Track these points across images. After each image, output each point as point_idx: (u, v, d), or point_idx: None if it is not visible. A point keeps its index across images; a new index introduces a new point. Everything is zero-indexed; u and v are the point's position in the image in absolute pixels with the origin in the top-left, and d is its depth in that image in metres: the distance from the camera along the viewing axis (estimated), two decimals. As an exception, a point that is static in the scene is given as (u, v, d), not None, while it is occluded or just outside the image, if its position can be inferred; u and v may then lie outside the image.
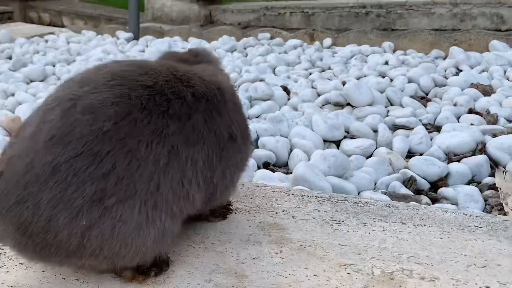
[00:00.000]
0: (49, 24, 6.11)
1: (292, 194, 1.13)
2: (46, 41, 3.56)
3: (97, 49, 3.11)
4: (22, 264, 0.87)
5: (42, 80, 2.61)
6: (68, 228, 0.67)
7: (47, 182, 0.66)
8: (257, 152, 1.64)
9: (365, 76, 2.57)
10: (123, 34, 3.62)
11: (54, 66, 2.82)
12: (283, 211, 1.05)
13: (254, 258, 0.88)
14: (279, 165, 1.65)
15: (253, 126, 1.79)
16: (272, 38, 3.55)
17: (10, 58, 3.02)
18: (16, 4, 6.13)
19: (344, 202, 1.09)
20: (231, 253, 0.90)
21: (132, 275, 0.81)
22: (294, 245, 0.93)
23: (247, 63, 2.83)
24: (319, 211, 1.05)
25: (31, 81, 2.57)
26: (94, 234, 0.68)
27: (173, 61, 0.90)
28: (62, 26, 6.08)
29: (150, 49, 3.13)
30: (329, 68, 2.79)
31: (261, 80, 2.48)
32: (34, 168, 0.66)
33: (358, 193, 1.41)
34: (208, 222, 0.99)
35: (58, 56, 2.97)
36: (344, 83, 2.36)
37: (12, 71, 2.70)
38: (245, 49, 3.28)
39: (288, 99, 2.27)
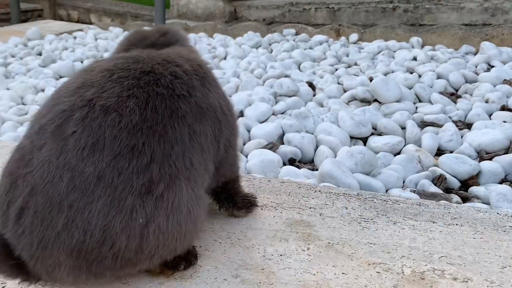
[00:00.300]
0: (77, 21, 6.23)
1: (319, 191, 1.11)
2: (75, 37, 3.62)
3: (124, 46, 3.15)
4: None
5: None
6: (125, 232, 0.65)
7: (93, 192, 0.64)
8: (282, 148, 1.63)
9: (392, 72, 2.52)
10: (149, 31, 3.66)
11: (82, 62, 2.87)
12: (310, 208, 1.04)
13: (281, 255, 0.88)
14: (305, 162, 1.64)
15: (278, 122, 1.78)
16: (297, 34, 3.51)
17: (40, 54, 3.09)
18: (46, 2, 6.28)
19: (372, 200, 1.07)
20: (257, 249, 0.89)
21: (160, 269, 0.81)
22: (322, 242, 0.91)
23: (272, 59, 2.81)
24: (347, 208, 1.03)
25: (61, 77, 2.63)
26: (152, 230, 0.67)
27: (141, 43, 0.92)
28: (90, 23, 6.19)
29: (176, 45, 3.14)
30: (356, 64, 2.75)
31: (286, 76, 2.47)
32: (75, 185, 0.64)
33: (386, 191, 1.38)
34: (233, 216, 0.99)
35: (86, 53, 3.03)
36: (371, 79, 2.32)
37: (42, 67, 2.76)
38: (270, 45, 3.27)
39: (314, 95, 2.25)
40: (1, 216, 0.68)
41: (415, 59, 2.75)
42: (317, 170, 1.56)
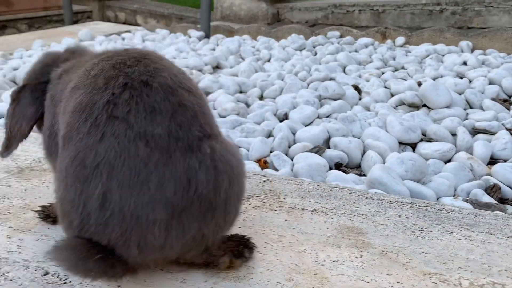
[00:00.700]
0: (124, 23, 6.43)
1: (371, 197, 1.10)
2: (123, 39, 3.74)
3: (171, 47, 3.22)
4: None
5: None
6: (202, 171, 0.72)
7: (169, 147, 0.71)
8: (329, 152, 1.62)
9: (441, 76, 2.46)
10: (194, 33, 3.72)
11: (131, 63, 2.96)
12: (362, 214, 1.03)
13: (333, 261, 0.87)
14: (352, 167, 1.62)
15: (324, 125, 1.77)
16: (341, 36, 3.48)
17: (91, 55, 3.21)
18: (95, 4, 6.51)
19: (426, 209, 1.05)
20: (309, 254, 0.89)
21: (229, 260, 0.83)
22: (375, 250, 0.90)
23: (316, 62, 2.80)
24: (400, 216, 1.02)
25: (110, 77, 2.71)
26: (221, 167, 0.74)
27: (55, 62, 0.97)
28: (136, 24, 6.37)
29: (221, 47, 3.18)
30: (403, 68, 2.69)
31: (330, 79, 2.45)
32: (153, 147, 0.70)
33: (437, 199, 1.35)
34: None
35: (135, 54, 3.12)
36: (419, 84, 2.27)
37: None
38: (314, 47, 3.25)
39: (360, 99, 2.23)
40: (80, 218, 0.73)
41: (465, 63, 2.66)
42: (364, 175, 1.54)
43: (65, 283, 0.83)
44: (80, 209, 0.72)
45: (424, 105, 2.08)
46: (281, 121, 1.98)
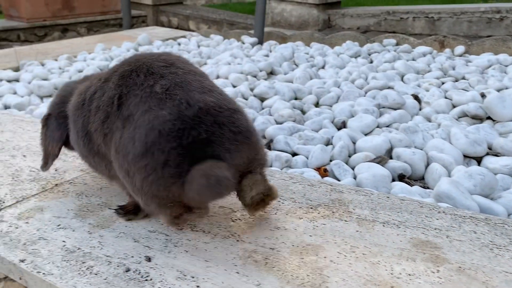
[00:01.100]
0: (176, 27, 6.61)
1: (443, 212, 1.08)
2: (179, 44, 3.84)
3: (226, 53, 3.28)
4: (187, 251, 0.95)
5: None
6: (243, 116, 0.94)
7: (225, 96, 0.95)
8: (391, 163, 1.59)
9: (506, 88, 2.36)
10: (248, 39, 3.77)
11: (187, 67, 3.04)
12: (435, 229, 1.01)
13: (409, 274, 0.86)
14: (414, 178, 1.59)
15: (386, 135, 1.75)
16: (398, 44, 3.42)
17: (149, 59, 3.32)
18: (150, 9, 6.72)
19: (503, 226, 1.02)
20: (384, 266, 0.89)
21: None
22: (452, 266, 0.88)
23: (373, 70, 2.77)
24: (475, 232, 0.99)
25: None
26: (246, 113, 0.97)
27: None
28: (188, 29, 6.53)
29: (274, 54, 3.21)
30: (463, 78, 2.61)
31: (388, 88, 2.42)
32: (218, 98, 0.92)
33: (508, 216, 1.30)
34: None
35: (191, 59, 3.19)
36: (482, 95, 2.20)
37: (152, 71, 2.97)
38: (369, 55, 3.21)
39: (420, 109, 2.18)
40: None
41: (531, 74, 2.55)
42: (428, 188, 1.51)
43: (146, 280, 0.87)
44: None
45: (488, 118, 2.00)
46: (339, 129, 1.97)
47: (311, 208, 1.10)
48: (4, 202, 1.19)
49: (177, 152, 0.84)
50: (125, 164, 0.90)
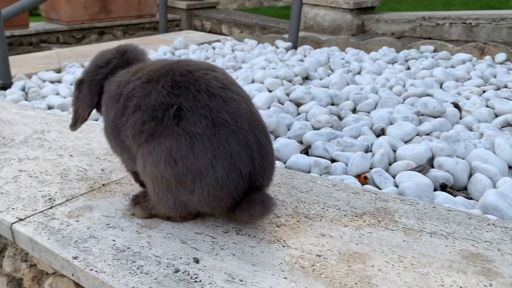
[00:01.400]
0: (209, 31, 6.69)
1: (493, 224, 1.05)
2: (214, 48, 3.89)
3: (261, 58, 3.30)
4: (233, 254, 0.96)
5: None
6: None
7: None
8: (433, 172, 1.57)
9: (551, 97, 2.29)
10: (282, 43, 3.78)
11: (223, 71, 3.07)
12: (486, 241, 0.99)
13: (461, 287, 0.85)
14: (457, 189, 1.56)
15: (427, 144, 1.72)
16: (435, 51, 3.36)
17: (185, 62, 3.37)
18: (184, 13, 6.83)
19: (557, 241, 0.99)
20: (434, 277, 0.88)
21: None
22: (505, 280, 0.86)
23: (411, 76, 2.73)
24: (528, 247, 0.97)
25: (205, 85, 2.83)
26: None
27: (107, 66, 1.17)
28: (221, 33, 6.60)
29: (309, 59, 3.21)
30: (506, 87, 2.54)
31: (427, 95, 2.38)
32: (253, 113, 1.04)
33: (558, 231, 1.26)
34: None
35: (226, 63, 3.23)
36: (527, 104, 2.14)
37: (189, 75, 3.01)
38: (406, 61, 3.17)
39: (460, 117, 2.13)
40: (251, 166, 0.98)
41: None
42: (471, 199, 1.48)
43: (195, 281, 0.89)
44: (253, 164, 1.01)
45: (534, 128, 1.95)
46: (377, 136, 1.96)
47: (356, 216, 1.10)
48: (54, 200, 1.24)
49: (242, 184, 0.98)
50: (179, 169, 0.95)
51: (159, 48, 3.67)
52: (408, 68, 3.03)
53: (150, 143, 0.99)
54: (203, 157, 0.94)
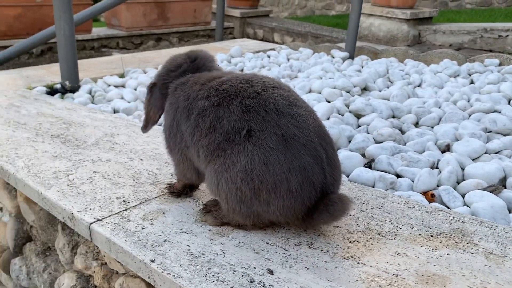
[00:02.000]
0: (261, 39, 6.75)
1: None
2: (269, 56, 3.92)
3: (317, 67, 3.29)
4: (307, 268, 0.96)
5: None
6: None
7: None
8: (505, 193, 1.50)
9: None
10: (338, 53, 3.76)
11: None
12: None
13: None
14: (532, 212, 1.48)
15: (498, 163, 1.65)
16: (500, 64, 3.22)
17: (242, 70, 3.42)
18: (237, 21, 6.94)
19: None
20: (522, 307, 0.84)
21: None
22: None
23: (475, 91, 2.63)
24: None
25: (262, 93, 2.85)
26: None
27: (177, 69, 1.22)
28: (273, 41, 6.64)
29: (368, 69, 3.16)
30: None
31: (495, 111, 2.28)
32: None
33: None
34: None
35: (282, 72, 3.24)
36: None
37: (246, 83, 3.05)
38: (469, 75, 3.06)
39: (532, 136, 2.03)
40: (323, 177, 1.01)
41: None
42: (550, 223, 1.40)
43: (271, 293, 0.89)
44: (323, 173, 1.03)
45: None
46: (442, 152, 1.90)
47: (432, 236, 1.07)
48: (129, 202, 1.29)
49: (315, 194, 1.01)
50: (255, 184, 0.99)
51: (216, 56, 3.74)
52: (472, 82, 2.93)
53: (222, 159, 1.03)
54: (278, 171, 0.97)
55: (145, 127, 1.28)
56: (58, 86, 2.75)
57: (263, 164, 0.97)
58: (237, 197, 1.02)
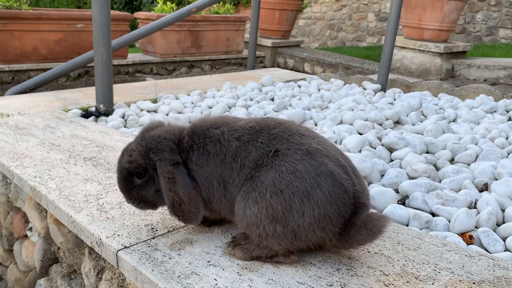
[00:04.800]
0: (291, 69, 6.80)
1: None
2: (299, 86, 3.92)
3: (348, 98, 3.26)
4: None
5: (301, 122, 2.86)
6: None
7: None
8: (551, 238, 1.41)
9: None
10: (369, 85, 3.72)
11: (309, 110, 3.07)
12: None
13: None
14: None
15: (542, 206, 1.56)
16: (540, 101, 3.12)
17: (272, 99, 3.42)
18: (269, 50, 7.02)
19: None
20: None
21: None
22: None
23: (514, 128, 2.54)
24: None
25: (292, 123, 2.83)
26: None
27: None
28: (303, 71, 6.67)
29: (400, 102, 3.11)
30: None
31: (535, 150, 2.19)
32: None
33: None
34: None
35: (313, 102, 3.22)
36: None
37: (276, 112, 3.04)
38: (507, 111, 2.97)
39: None
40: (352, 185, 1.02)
41: None
42: None
43: (301, 337, 0.84)
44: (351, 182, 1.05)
45: None
46: (480, 191, 1.82)
47: (474, 283, 1.00)
48: (157, 230, 1.27)
49: (348, 200, 1.01)
50: (285, 196, 0.99)
51: (247, 84, 3.77)
52: (510, 119, 2.83)
53: (249, 182, 1.04)
54: (306, 178, 0.99)
55: (196, 215, 1.11)
56: (93, 109, 2.81)
57: (290, 174, 1.00)
58: (268, 216, 1.00)
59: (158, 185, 1.14)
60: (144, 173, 1.15)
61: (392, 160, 2.18)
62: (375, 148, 2.27)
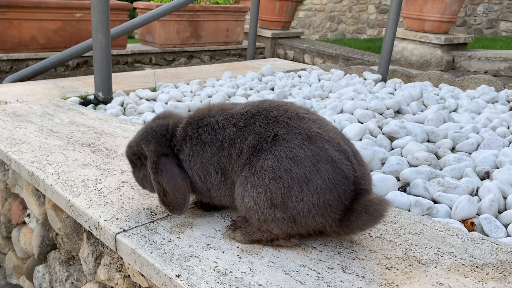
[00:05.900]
0: (291, 60, 6.76)
1: None
2: (299, 76, 3.90)
3: (349, 88, 3.24)
4: None
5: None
6: None
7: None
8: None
9: None
10: (370, 75, 3.70)
11: (310, 99, 3.05)
12: None
13: None
14: None
15: (544, 193, 1.55)
16: (542, 92, 3.10)
17: (272, 89, 3.40)
18: (269, 41, 6.98)
19: None
20: None
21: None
22: None
23: (515, 118, 2.52)
24: None
25: (292, 112, 2.81)
26: None
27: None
28: (303, 62, 6.64)
29: (401, 92, 3.09)
30: None
31: (537, 140, 2.17)
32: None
33: None
34: None
35: (313, 92, 3.20)
36: None
37: (276, 101, 3.03)
38: (508, 101, 2.95)
39: None
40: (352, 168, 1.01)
41: None
42: None
43: (303, 318, 0.83)
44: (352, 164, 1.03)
45: None
46: (481, 179, 1.81)
47: (477, 267, 0.99)
48: (156, 214, 1.26)
49: (348, 187, 0.99)
50: (284, 182, 0.98)
51: (247, 74, 3.74)
52: (511, 109, 2.81)
53: (248, 167, 1.03)
54: (306, 164, 0.97)
55: (180, 206, 1.12)
56: (92, 97, 2.79)
57: (290, 159, 0.98)
58: (267, 201, 0.99)
59: (146, 171, 1.20)
60: (140, 160, 1.22)
61: (392, 149, 2.16)
62: (375, 137, 2.25)
